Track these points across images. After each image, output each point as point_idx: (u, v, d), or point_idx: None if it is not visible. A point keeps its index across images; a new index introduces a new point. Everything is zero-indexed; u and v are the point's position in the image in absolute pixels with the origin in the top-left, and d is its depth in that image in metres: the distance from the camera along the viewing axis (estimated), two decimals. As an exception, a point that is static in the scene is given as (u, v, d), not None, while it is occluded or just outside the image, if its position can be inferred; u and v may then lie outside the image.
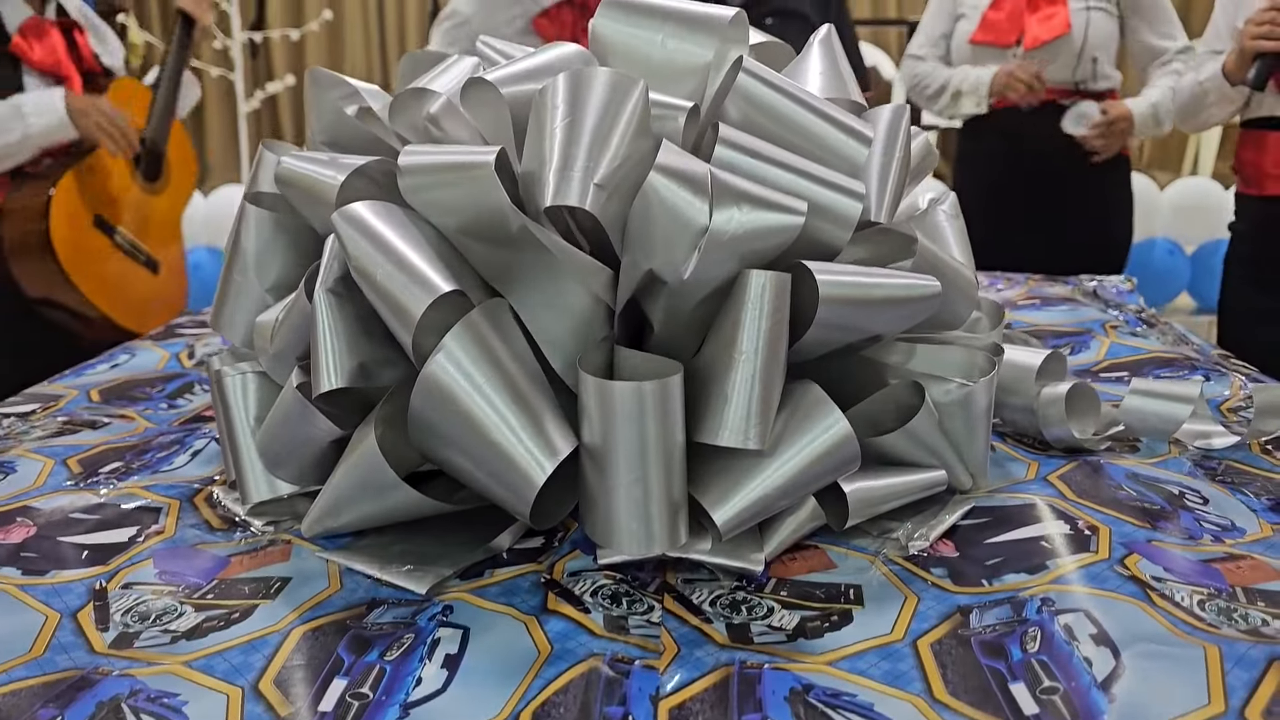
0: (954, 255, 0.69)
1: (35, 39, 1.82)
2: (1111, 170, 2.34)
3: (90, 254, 1.87)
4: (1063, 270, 2.27)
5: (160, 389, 0.89)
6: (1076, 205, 2.32)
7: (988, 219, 2.35)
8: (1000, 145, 2.27)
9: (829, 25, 0.72)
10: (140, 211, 1.97)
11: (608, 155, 0.52)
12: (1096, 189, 2.33)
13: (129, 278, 1.93)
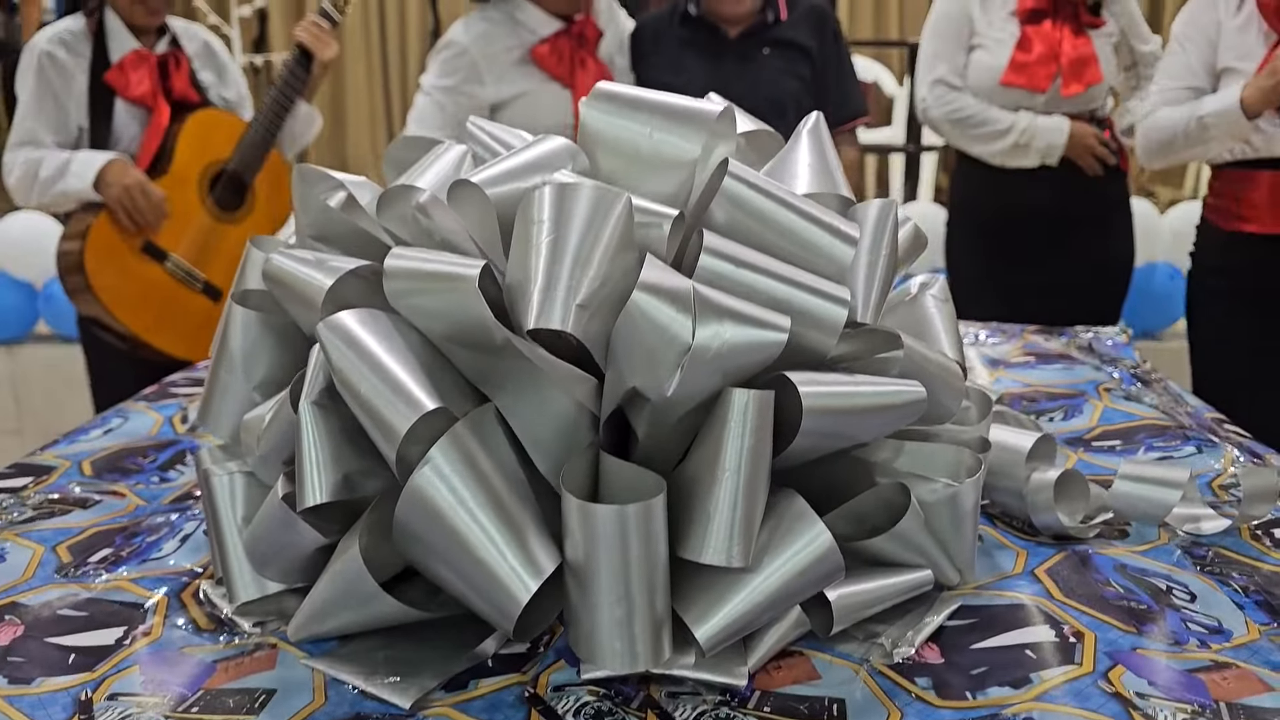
0: (942, 344, 0.69)
1: (131, 71, 1.91)
2: (1113, 190, 2.35)
3: (131, 280, 1.91)
4: (1068, 291, 2.29)
5: (152, 459, 0.90)
6: (1078, 227, 2.32)
7: (987, 242, 2.36)
8: (1002, 169, 2.27)
9: (818, 114, 0.72)
10: (207, 239, 2.00)
11: (590, 273, 0.52)
12: (1098, 208, 2.33)
13: (181, 305, 1.96)
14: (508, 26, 2.07)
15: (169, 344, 1.94)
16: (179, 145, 1.96)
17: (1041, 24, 2.22)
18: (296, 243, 0.68)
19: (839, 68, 2.18)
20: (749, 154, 0.72)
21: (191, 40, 2.10)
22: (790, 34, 2.14)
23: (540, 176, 0.62)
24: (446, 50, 2.08)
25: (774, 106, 2.12)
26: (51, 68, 1.88)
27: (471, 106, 2.06)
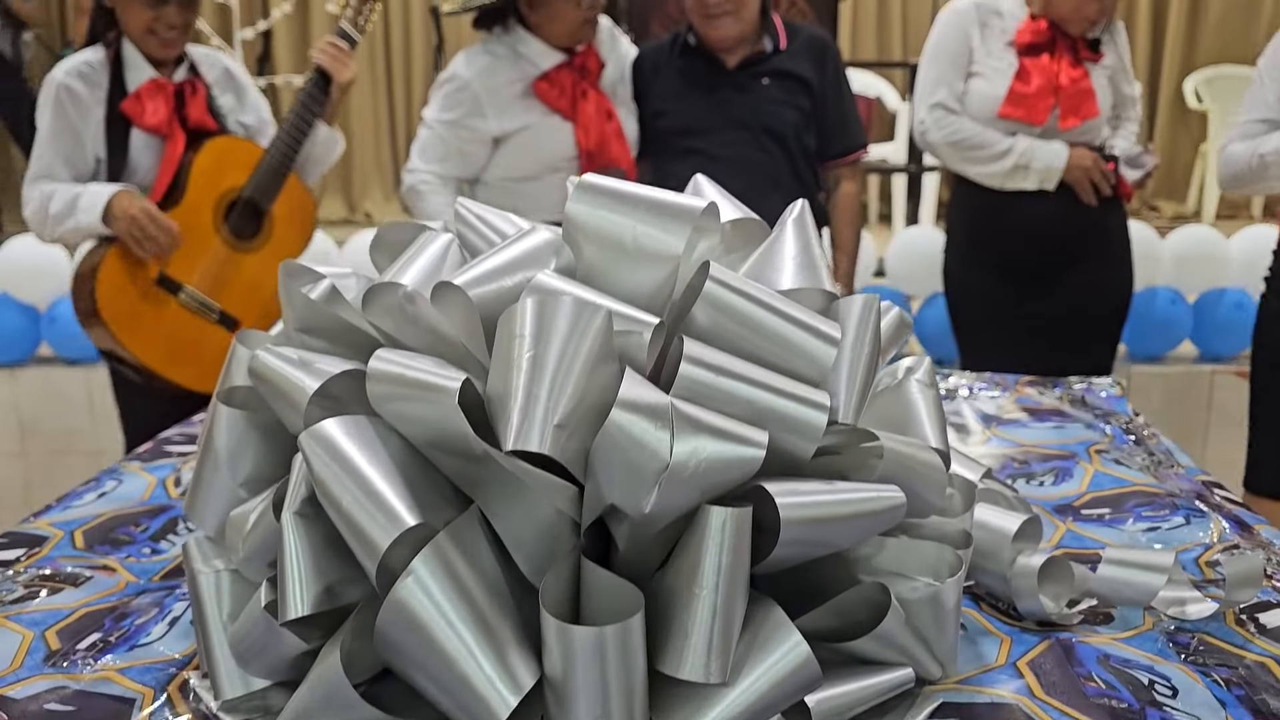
0: (925, 432, 0.70)
1: (147, 100, 1.93)
2: (1111, 219, 2.35)
3: (145, 313, 1.92)
4: (1068, 318, 2.29)
5: (144, 528, 0.90)
6: (1077, 254, 2.32)
7: (986, 269, 2.36)
8: (1000, 194, 2.27)
9: (803, 202, 0.72)
10: (223, 269, 2.00)
11: (569, 390, 0.52)
12: (1097, 236, 2.34)
13: (197, 336, 1.97)
14: (510, 59, 2.09)
15: (185, 377, 1.94)
16: (193, 174, 1.96)
17: (1039, 57, 2.23)
18: (284, 337, 0.68)
19: (839, 100, 2.19)
20: (734, 240, 0.72)
21: (212, 68, 2.11)
22: (790, 64, 2.15)
23: (523, 274, 0.63)
24: (449, 84, 2.10)
25: (773, 136, 2.13)
26: (69, 100, 1.90)
27: (474, 139, 2.08)
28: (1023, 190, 2.26)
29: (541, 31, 2.07)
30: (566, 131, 2.08)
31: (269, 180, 2.03)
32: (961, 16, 2.29)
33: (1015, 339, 2.38)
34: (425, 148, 2.12)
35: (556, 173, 2.10)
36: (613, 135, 2.13)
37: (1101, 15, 2.21)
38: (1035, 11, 2.24)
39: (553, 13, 2.04)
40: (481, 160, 2.11)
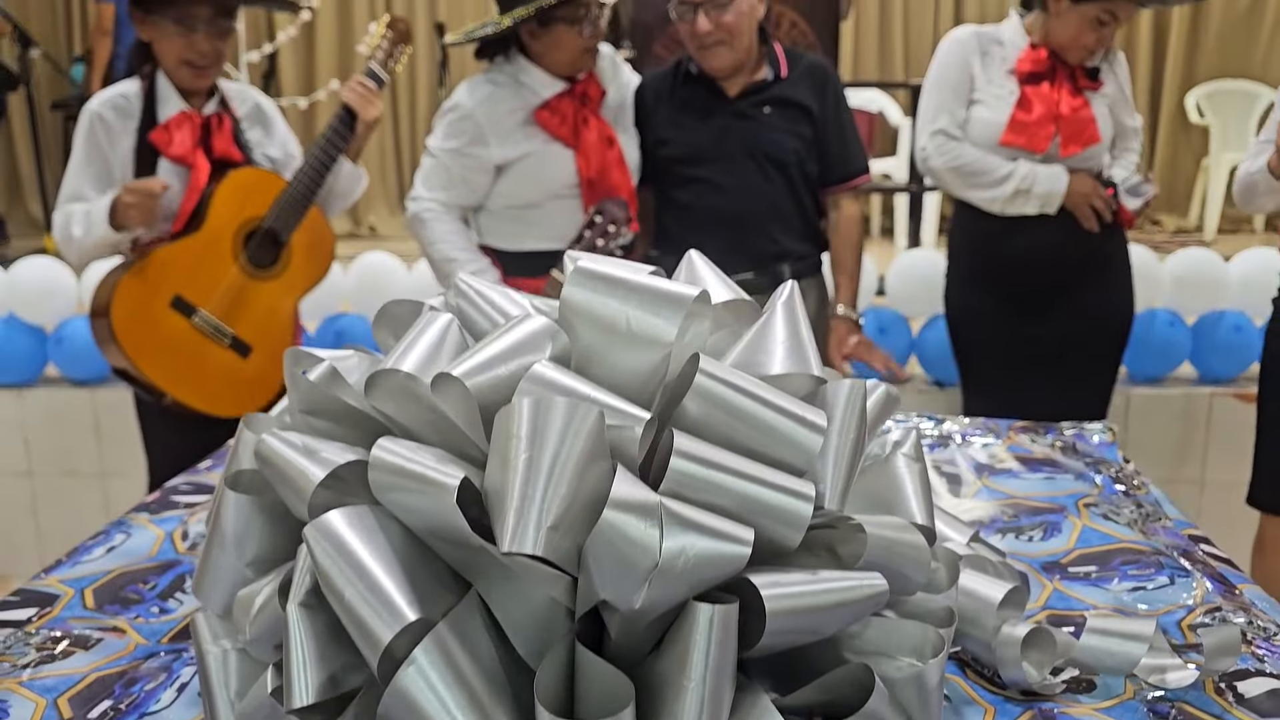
0: (911, 508, 0.72)
1: (175, 130, 2.00)
2: (1111, 244, 2.38)
3: (157, 333, 1.97)
4: (1068, 342, 2.30)
5: (152, 585, 0.92)
6: (1077, 280, 2.34)
7: (987, 294, 2.38)
8: (1000, 220, 2.30)
9: (793, 283, 0.74)
10: (239, 295, 2.04)
11: (562, 493, 0.55)
12: (1097, 262, 2.36)
13: (208, 359, 2.01)
14: (512, 88, 2.12)
15: (194, 398, 1.99)
16: (214, 203, 2.01)
17: (1040, 85, 2.25)
18: (289, 418, 0.71)
19: (839, 127, 2.22)
20: (725, 319, 0.74)
21: (243, 102, 2.16)
22: (791, 93, 2.18)
23: (519, 362, 0.65)
24: (452, 113, 2.13)
25: (774, 163, 2.16)
26: (101, 128, 1.98)
27: (477, 167, 2.11)
28: (1023, 217, 2.28)
29: (543, 60, 2.11)
30: (568, 159, 2.11)
31: (290, 211, 2.07)
32: (962, 45, 2.31)
33: (1016, 364, 2.40)
34: (429, 176, 2.15)
35: (559, 199, 2.13)
36: (614, 163, 2.16)
37: (1100, 45, 2.24)
38: (1035, 40, 2.27)
39: (554, 41, 2.07)
40: (484, 188, 2.14)
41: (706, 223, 2.18)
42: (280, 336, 2.11)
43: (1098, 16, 2.17)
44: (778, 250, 2.19)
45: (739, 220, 2.16)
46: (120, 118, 2.00)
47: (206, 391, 1.99)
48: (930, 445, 1.21)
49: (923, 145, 2.33)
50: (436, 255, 2.13)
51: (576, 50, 2.08)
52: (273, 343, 2.09)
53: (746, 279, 2.16)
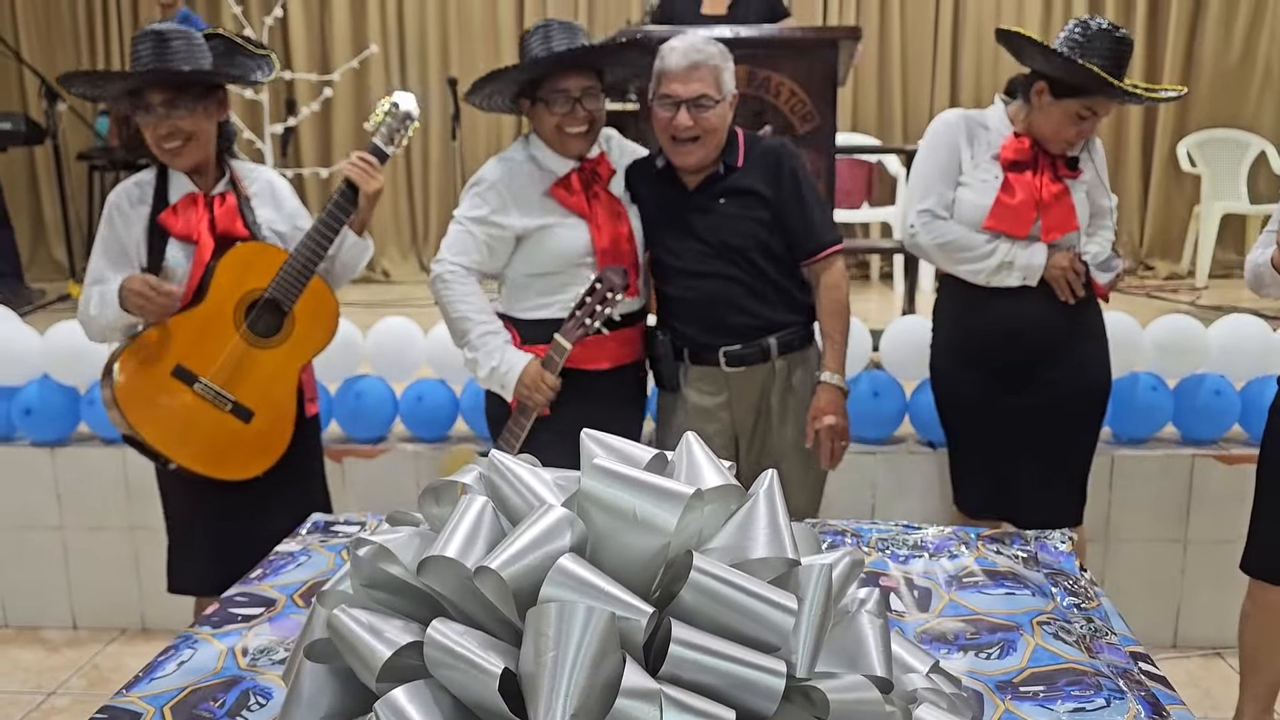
0: (872, 663, 0.85)
1: (182, 211, 2.13)
2: (1088, 316, 2.51)
3: (159, 400, 2.09)
4: (1050, 412, 2.42)
5: (220, 703, 1.06)
6: (1057, 352, 2.47)
7: (971, 365, 2.51)
8: (984, 292, 2.43)
9: (773, 472, 0.88)
10: (241, 363, 2.15)
11: (582, 684, 0.69)
12: (1075, 335, 2.49)
13: (207, 423, 2.13)
14: (530, 165, 2.30)
15: (197, 463, 2.12)
16: (216, 275, 2.13)
17: (1023, 173, 2.40)
18: (352, 590, 0.85)
19: (800, 205, 2.31)
20: (715, 501, 0.88)
21: (254, 181, 2.28)
22: (746, 181, 2.30)
23: (545, 551, 0.79)
24: (477, 186, 2.30)
25: (732, 250, 2.28)
26: (117, 215, 2.15)
27: (500, 235, 2.27)
28: (1005, 291, 2.42)
29: (542, 139, 2.28)
30: (582, 230, 2.27)
31: (291, 281, 2.17)
32: (951, 128, 2.46)
33: (999, 431, 2.53)
34: (453, 242, 2.30)
35: (575, 269, 2.27)
36: (624, 236, 2.33)
37: (1080, 137, 2.38)
38: (1019, 129, 2.41)
39: (538, 119, 2.25)
40: (504, 256, 2.30)
41: (689, 308, 2.33)
42: (284, 401, 2.23)
43: (1078, 112, 2.32)
44: (762, 324, 2.31)
45: (716, 303, 2.30)
46: (134, 204, 2.15)
47: (209, 456, 2.12)
48: (905, 557, 1.35)
49: (910, 223, 2.48)
50: (453, 314, 2.28)
51: (553, 130, 2.23)
52: (275, 407, 2.21)
53: (735, 350, 2.30)
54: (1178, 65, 6.25)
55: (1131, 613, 3.03)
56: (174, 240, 2.15)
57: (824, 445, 2.30)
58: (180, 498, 2.30)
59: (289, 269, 2.18)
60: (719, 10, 4.05)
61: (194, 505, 2.29)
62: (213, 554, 2.21)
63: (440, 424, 3.26)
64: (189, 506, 2.30)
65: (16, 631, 3.37)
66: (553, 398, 2.19)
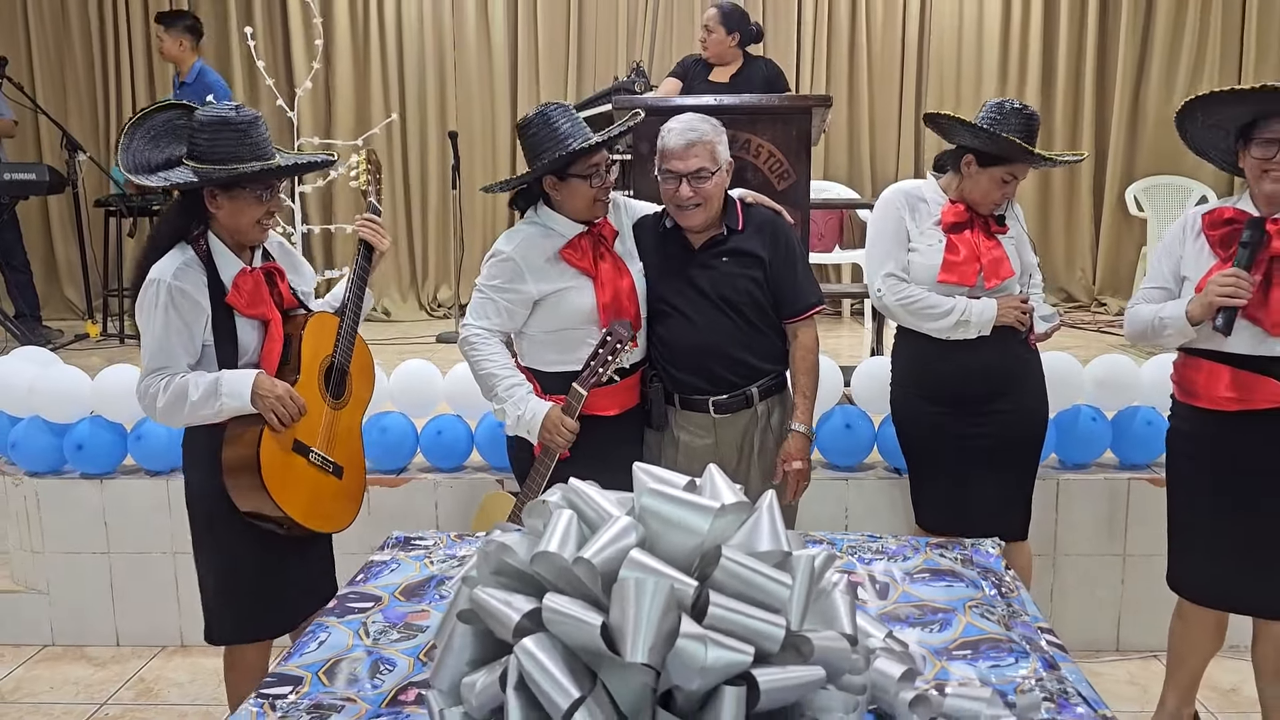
0: (842, 624, 1.23)
1: (246, 290, 2.22)
2: (1029, 360, 2.89)
3: (289, 473, 2.22)
4: (996, 440, 2.78)
5: (359, 669, 1.42)
6: (1000, 390, 2.84)
7: (929, 404, 2.87)
8: (937, 340, 2.80)
9: (771, 492, 1.26)
10: (330, 428, 2.34)
11: (653, 631, 1.05)
12: (1015, 376, 2.86)
13: (321, 487, 2.31)
14: (542, 233, 2.60)
15: (317, 523, 2.29)
16: (304, 351, 2.27)
17: (963, 234, 2.78)
18: (479, 575, 1.21)
19: (790, 270, 2.66)
20: (733, 513, 1.25)
21: (272, 245, 2.39)
22: (746, 244, 2.64)
23: (619, 546, 1.16)
24: (495, 258, 2.60)
25: (728, 303, 2.63)
26: (184, 300, 2.17)
27: (518, 300, 2.57)
28: (955, 341, 2.79)
29: (563, 209, 2.58)
30: (589, 289, 2.56)
31: (348, 345, 2.38)
32: (893, 203, 2.83)
33: (953, 459, 2.87)
34: (477, 308, 2.61)
35: (585, 326, 2.57)
36: (625, 292, 2.62)
37: (1004, 198, 2.77)
38: (953, 197, 2.80)
39: (571, 192, 2.54)
40: (522, 317, 2.60)
41: (682, 354, 2.66)
42: (358, 453, 2.50)
43: (1002, 177, 2.71)
44: (746, 372, 2.64)
45: (708, 350, 2.63)
46: (194, 287, 2.17)
47: (323, 515, 2.32)
48: (870, 559, 1.73)
49: (877, 287, 2.84)
50: (481, 371, 2.58)
51: (589, 200, 2.54)
52: (355, 460, 2.47)
53: (721, 400, 2.65)
54: (1125, 116, 6.73)
55: (1077, 619, 3.46)
56: (241, 318, 2.25)
57: (790, 484, 2.65)
58: (254, 552, 2.34)
59: (345, 334, 2.36)
60: (723, 79, 4.47)
61: (274, 557, 2.37)
62: (287, 596, 2.38)
63: (457, 455, 3.60)
64: (268, 562, 2.36)
65: (64, 649, 3.64)
66: (573, 439, 2.47)
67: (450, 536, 1.96)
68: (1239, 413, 2.39)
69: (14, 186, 5.79)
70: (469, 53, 6.76)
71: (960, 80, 6.69)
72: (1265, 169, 2.30)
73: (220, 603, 2.41)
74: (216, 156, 2.17)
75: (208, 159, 2.17)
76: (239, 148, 2.17)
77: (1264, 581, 2.44)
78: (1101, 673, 3.41)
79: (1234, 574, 2.47)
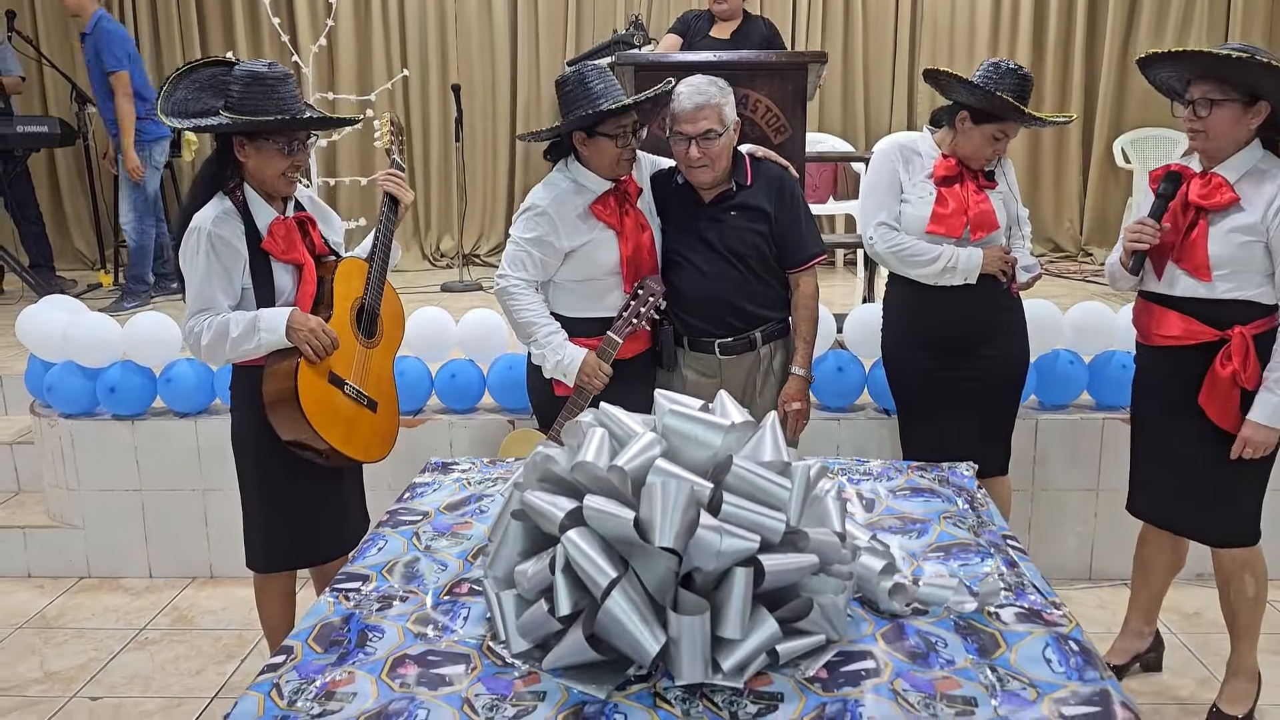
0: (833, 523, 1.45)
1: (280, 237, 2.37)
2: (1012, 306, 3.08)
3: (326, 403, 2.36)
4: (981, 382, 2.98)
5: (418, 568, 1.63)
6: (985, 335, 3.04)
7: (916, 347, 3.06)
8: (926, 288, 2.99)
9: (773, 412, 1.47)
10: (362, 364, 2.48)
11: (677, 522, 1.27)
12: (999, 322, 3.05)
13: (356, 418, 2.46)
14: (572, 188, 2.74)
15: (354, 452, 2.44)
16: (335, 291, 2.41)
17: (953, 187, 2.95)
18: (525, 481, 1.42)
19: (794, 223, 2.83)
20: (741, 430, 1.46)
21: (302, 198, 2.53)
22: (753, 199, 2.80)
23: (647, 457, 1.37)
24: (529, 211, 2.75)
25: (736, 255, 2.80)
26: (222, 246, 2.32)
27: (551, 252, 2.73)
28: (942, 289, 2.97)
29: (591, 164, 2.72)
30: (614, 243, 2.72)
31: (377, 288, 2.51)
32: (888, 155, 2.98)
33: (938, 400, 3.07)
34: (513, 259, 2.76)
35: (610, 276, 2.76)
36: (646, 247, 2.80)
37: (995, 155, 2.93)
38: (946, 152, 2.96)
39: (598, 150, 2.68)
40: (555, 268, 2.76)
41: (693, 301, 2.84)
42: (391, 391, 2.67)
43: (993, 134, 2.88)
44: (750, 317, 2.84)
45: (717, 298, 2.82)
46: (233, 233, 2.32)
47: (359, 445, 2.45)
48: (858, 479, 1.95)
49: (869, 235, 3.00)
50: (520, 319, 2.75)
51: (614, 158, 2.68)
52: (387, 396, 2.64)
53: (727, 342, 2.85)
54: (1114, 71, 6.85)
55: (1052, 549, 3.70)
56: (277, 263, 2.40)
57: (790, 424, 2.86)
58: (296, 482, 2.50)
59: (374, 277, 2.51)
60: (724, 36, 4.61)
61: (314, 489, 2.55)
62: (323, 525, 2.56)
63: (470, 397, 3.79)
64: (307, 491, 2.54)
65: (99, 581, 3.84)
66: (607, 382, 2.67)
67: (484, 461, 2.18)
68: (1159, 348, 2.61)
69: (27, 139, 5.91)
70: (469, 5, 6.85)
71: (954, 31, 6.81)
72: (1187, 128, 2.47)
73: (263, 532, 2.57)
74: (245, 108, 2.31)
75: (237, 110, 2.32)
76: (266, 101, 2.30)
77: (1183, 501, 2.65)
78: (1074, 598, 3.62)
79: (1170, 500, 2.69)
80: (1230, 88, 2.35)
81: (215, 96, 2.43)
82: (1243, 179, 2.41)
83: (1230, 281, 2.43)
